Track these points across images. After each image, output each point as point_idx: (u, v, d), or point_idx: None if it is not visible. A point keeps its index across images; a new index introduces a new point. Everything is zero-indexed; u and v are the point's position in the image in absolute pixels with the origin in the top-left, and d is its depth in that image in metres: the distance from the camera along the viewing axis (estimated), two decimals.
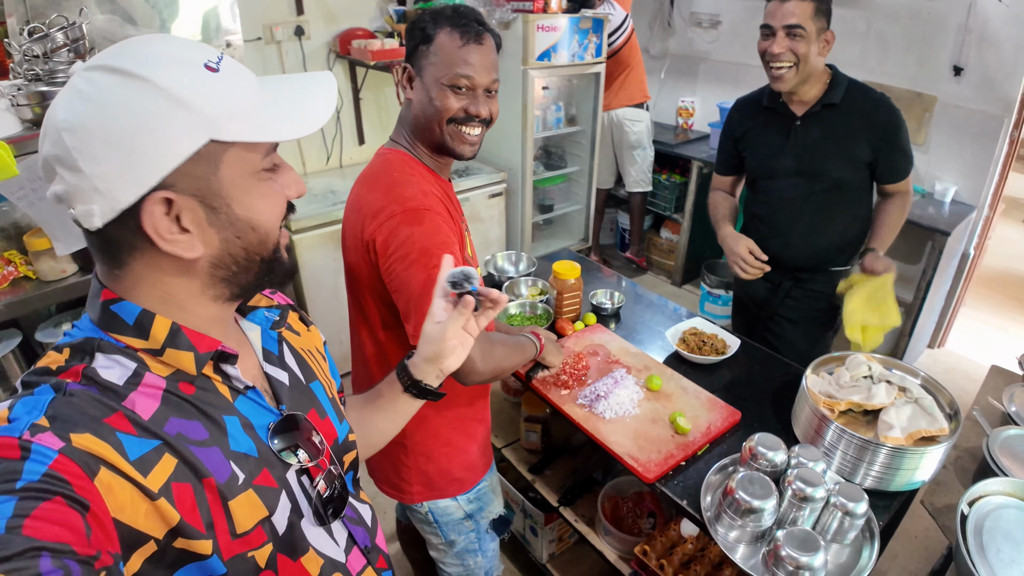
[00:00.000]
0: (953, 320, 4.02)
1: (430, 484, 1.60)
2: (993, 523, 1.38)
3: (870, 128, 2.02)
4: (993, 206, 3.61)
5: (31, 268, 1.64)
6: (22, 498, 0.56)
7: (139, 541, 0.64)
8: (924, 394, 1.58)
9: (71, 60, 1.55)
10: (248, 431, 0.79)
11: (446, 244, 1.32)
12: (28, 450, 0.59)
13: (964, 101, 3.41)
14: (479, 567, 1.77)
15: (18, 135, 1.47)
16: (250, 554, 0.74)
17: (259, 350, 0.90)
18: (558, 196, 4.45)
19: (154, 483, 0.66)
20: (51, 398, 0.64)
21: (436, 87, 1.36)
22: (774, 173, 2.19)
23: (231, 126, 0.69)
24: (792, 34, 1.92)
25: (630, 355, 1.95)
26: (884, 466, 1.45)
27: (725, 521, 1.38)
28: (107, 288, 0.73)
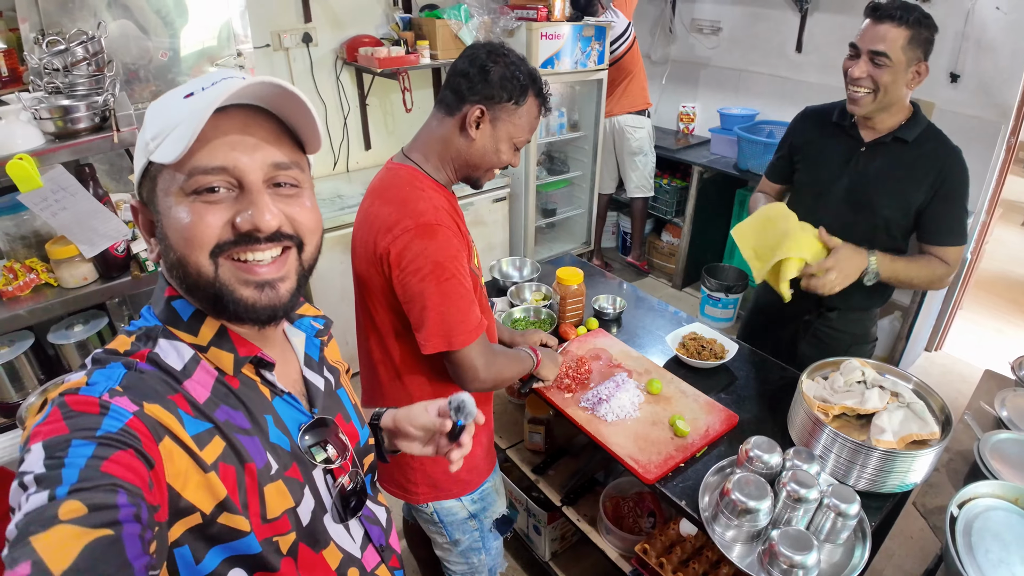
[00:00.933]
0: (950, 323, 4.06)
1: (435, 485, 1.65)
2: (982, 524, 1.42)
3: (933, 176, 1.85)
4: (991, 211, 3.65)
5: (52, 276, 1.69)
6: (101, 444, 0.62)
7: (186, 511, 0.70)
8: (916, 399, 1.63)
9: (91, 73, 1.60)
10: (282, 428, 0.85)
11: (456, 258, 1.39)
12: (107, 408, 0.66)
13: (961, 107, 3.45)
14: (483, 564, 1.82)
15: (41, 148, 1.51)
16: (275, 539, 0.80)
17: (301, 355, 0.96)
18: (561, 200, 4.51)
19: (208, 457, 0.73)
20: (124, 372, 0.72)
21: (507, 143, 1.48)
22: (824, 194, 2.02)
23: (158, 148, 0.73)
24: (876, 61, 1.76)
25: (631, 359, 2.00)
26: (876, 469, 1.50)
27: (722, 521, 1.43)
28: (171, 286, 0.80)
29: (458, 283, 1.40)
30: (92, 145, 1.55)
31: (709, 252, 4.64)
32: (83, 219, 1.56)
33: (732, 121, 4.27)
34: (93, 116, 1.58)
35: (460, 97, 1.44)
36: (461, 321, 1.40)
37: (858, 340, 2.15)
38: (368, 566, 0.97)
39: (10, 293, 1.64)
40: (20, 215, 1.73)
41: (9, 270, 1.68)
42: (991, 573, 1.31)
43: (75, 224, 1.56)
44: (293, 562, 0.83)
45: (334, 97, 3.77)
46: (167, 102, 0.77)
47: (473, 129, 1.44)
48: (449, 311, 1.39)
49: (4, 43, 2.05)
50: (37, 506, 0.57)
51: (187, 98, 0.75)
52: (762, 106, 4.38)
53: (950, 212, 1.89)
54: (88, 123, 1.58)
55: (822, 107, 2.10)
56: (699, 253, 4.61)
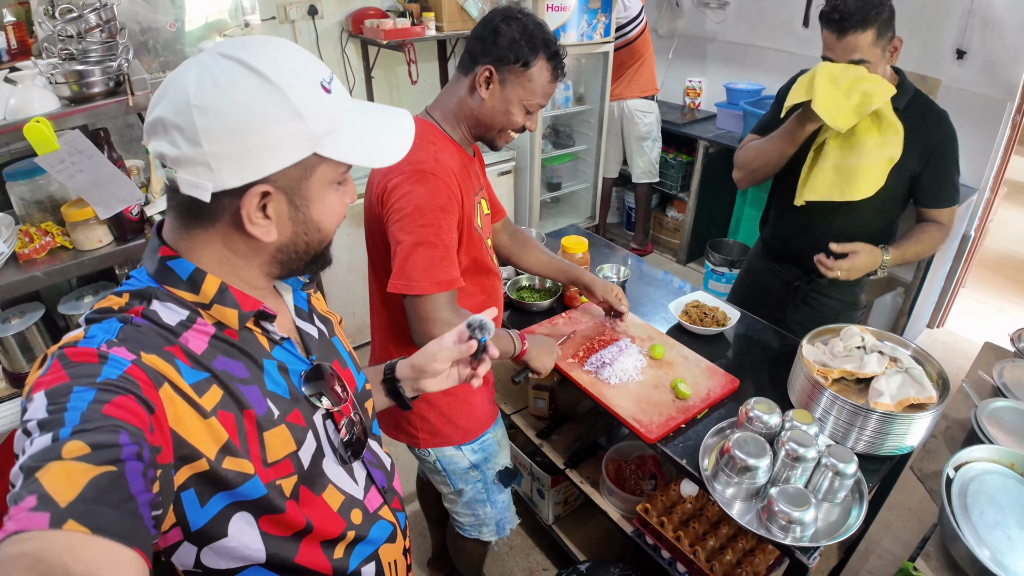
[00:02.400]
0: (953, 301, 4.08)
1: (434, 432, 1.69)
2: (977, 487, 1.46)
3: (923, 142, 1.87)
4: (995, 189, 3.66)
5: (68, 238, 1.72)
6: (101, 389, 0.65)
7: (192, 456, 0.73)
8: (914, 364, 1.65)
9: (104, 40, 1.61)
10: (283, 375, 0.89)
11: (442, 208, 1.43)
12: (106, 358, 0.69)
13: (967, 84, 3.44)
14: (489, 517, 1.86)
15: (57, 112, 1.53)
16: (278, 482, 0.83)
17: (292, 307, 1.00)
18: (566, 174, 4.51)
19: (207, 405, 0.76)
20: (120, 326, 0.74)
21: (516, 105, 1.50)
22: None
23: (330, 144, 0.79)
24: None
25: (634, 326, 2.03)
26: (874, 431, 1.53)
27: (722, 479, 1.47)
28: (166, 245, 0.82)
29: (433, 231, 1.42)
30: (107, 109, 1.57)
31: (714, 227, 4.65)
32: (100, 181, 1.58)
33: (738, 96, 4.26)
34: (107, 81, 1.60)
35: (473, 58, 1.48)
36: (425, 269, 1.41)
37: (848, 307, 2.20)
38: (371, 507, 1.01)
39: (26, 256, 1.66)
40: (35, 179, 1.75)
41: (25, 233, 1.70)
42: (986, 534, 1.34)
43: (91, 186, 1.57)
44: (296, 504, 0.86)
45: (339, 70, 3.77)
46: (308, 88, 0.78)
47: (483, 89, 1.48)
48: (416, 255, 1.41)
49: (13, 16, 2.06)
50: (41, 448, 0.59)
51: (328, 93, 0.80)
52: (768, 81, 4.36)
53: (943, 175, 1.93)
54: (102, 87, 1.60)
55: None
56: (704, 228, 4.61)
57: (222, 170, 0.74)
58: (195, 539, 0.78)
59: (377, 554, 1.01)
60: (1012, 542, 1.33)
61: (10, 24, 1.95)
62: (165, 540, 0.77)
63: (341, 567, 0.94)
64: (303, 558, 0.88)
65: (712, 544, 1.75)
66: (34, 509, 0.54)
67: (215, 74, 0.73)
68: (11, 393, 2.05)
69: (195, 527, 0.77)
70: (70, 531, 0.53)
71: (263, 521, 0.83)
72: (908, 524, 2.74)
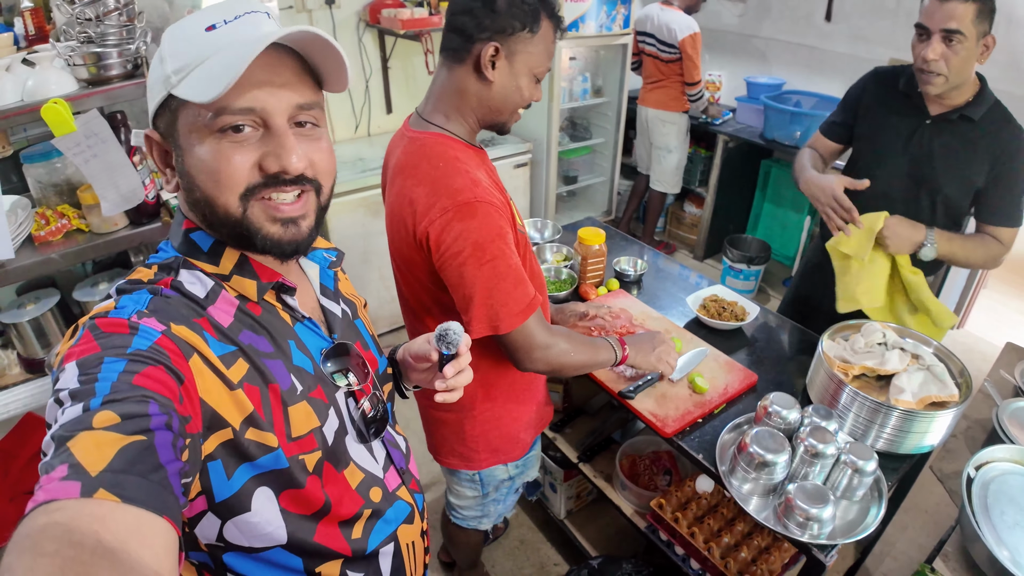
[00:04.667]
0: (974, 302, 4.03)
1: (496, 449, 1.66)
2: (998, 487, 1.43)
3: (995, 155, 1.82)
4: None
5: (84, 221, 1.73)
6: (131, 360, 0.66)
7: (218, 424, 0.74)
8: (936, 362, 1.63)
9: (122, 23, 1.61)
10: (304, 352, 0.89)
11: (499, 236, 1.28)
12: (136, 329, 0.70)
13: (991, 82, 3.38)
14: (496, 512, 1.86)
15: (75, 93, 1.54)
16: (301, 457, 0.84)
17: (317, 285, 1.00)
18: (582, 168, 4.49)
19: (234, 376, 0.76)
20: (150, 297, 0.75)
21: (528, 78, 1.34)
22: (882, 163, 1.98)
23: (182, 83, 0.74)
24: (950, 39, 1.69)
25: (652, 319, 2.01)
26: (895, 429, 1.50)
27: (739, 474, 1.45)
28: (188, 218, 0.83)
29: (501, 263, 1.28)
30: (125, 91, 1.58)
31: (732, 223, 4.60)
32: (110, 170, 1.59)
33: (758, 90, 4.21)
34: (125, 63, 1.60)
35: (467, 37, 1.28)
36: (504, 304, 1.30)
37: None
38: (390, 486, 1.01)
39: (42, 238, 1.67)
40: (52, 162, 1.76)
41: (41, 216, 1.71)
42: (1006, 535, 1.32)
43: (103, 174, 1.58)
44: (319, 479, 0.87)
45: (356, 60, 3.76)
46: (186, 32, 0.76)
47: (489, 70, 1.30)
48: (491, 295, 1.29)
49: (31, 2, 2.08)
50: (72, 418, 0.60)
51: (210, 31, 0.75)
52: (789, 76, 4.31)
53: (1009, 193, 1.85)
54: (120, 70, 1.60)
55: (892, 69, 2.01)
56: (722, 224, 4.56)
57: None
58: (219, 510, 0.79)
59: (395, 534, 1.01)
60: None
61: (27, 10, 1.95)
62: (191, 509, 0.78)
63: (360, 547, 0.95)
64: (322, 537, 0.89)
65: (727, 541, 1.73)
66: (65, 479, 0.54)
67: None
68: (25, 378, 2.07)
69: (219, 498, 0.77)
70: (101, 500, 0.54)
71: (283, 497, 0.83)
72: (925, 527, 2.72)
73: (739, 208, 4.58)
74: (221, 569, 0.85)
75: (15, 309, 2.18)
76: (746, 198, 4.51)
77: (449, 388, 0.98)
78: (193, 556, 0.85)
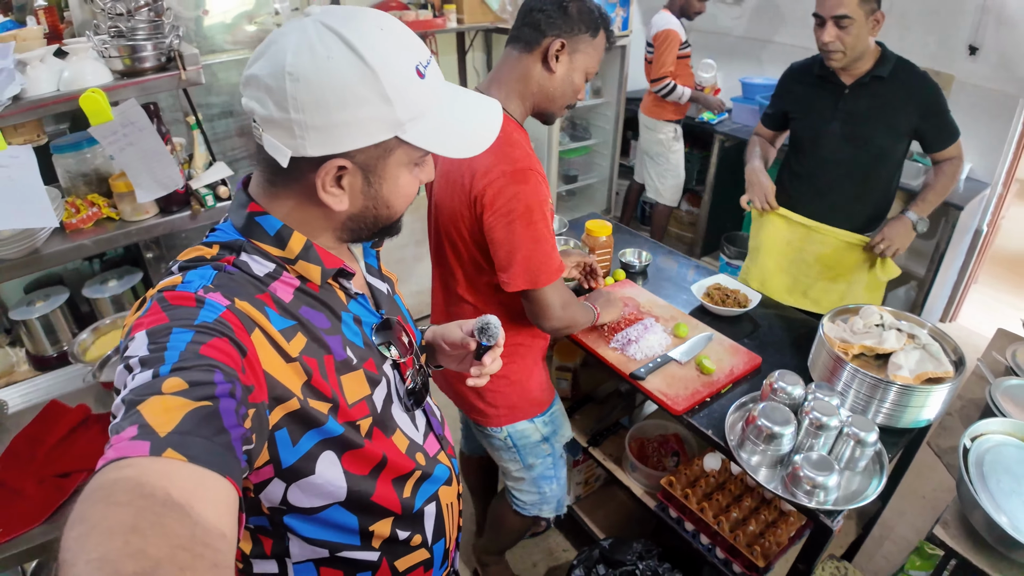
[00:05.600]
0: (965, 295, 4.11)
1: (513, 407, 1.75)
2: (993, 458, 1.51)
3: (914, 101, 2.14)
4: (1007, 184, 3.69)
5: (114, 210, 1.78)
6: (198, 331, 0.70)
7: (284, 396, 0.79)
8: (931, 341, 1.70)
9: (151, 19, 1.67)
10: (358, 326, 0.95)
11: (544, 203, 1.48)
12: (202, 302, 0.74)
13: (981, 80, 3.48)
14: (553, 495, 1.92)
15: (110, 84, 1.60)
16: (357, 423, 0.90)
17: (363, 264, 1.06)
18: (582, 167, 4.58)
19: (293, 350, 0.81)
20: (215, 273, 0.79)
21: (581, 75, 1.54)
22: (820, 137, 2.31)
23: (414, 130, 0.82)
24: (841, 24, 2.03)
25: (658, 307, 2.08)
26: (894, 404, 1.58)
27: (748, 447, 1.52)
28: (254, 202, 0.87)
29: (544, 226, 1.48)
30: (159, 83, 1.64)
31: (729, 221, 4.67)
32: (146, 158, 1.64)
33: (754, 91, 4.30)
34: (159, 56, 1.66)
35: (540, 32, 1.48)
36: (544, 262, 1.49)
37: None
38: (430, 452, 1.07)
39: (73, 225, 1.72)
40: (82, 152, 1.81)
41: (71, 205, 1.76)
42: (1003, 501, 1.39)
43: (138, 162, 1.63)
44: (370, 442, 0.93)
45: None
46: (403, 75, 0.79)
47: (554, 62, 1.49)
48: (535, 252, 1.47)
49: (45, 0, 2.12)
50: (143, 383, 0.63)
51: (421, 78, 0.81)
52: None
53: (942, 120, 2.19)
54: (154, 62, 1.66)
55: (804, 62, 2.41)
56: (718, 222, 4.63)
57: (304, 139, 0.77)
58: (285, 475, 0.84)
59: (437, 495, 1.07)
60: None
61: (41, 8, 1.98)
62: (258, 476, 0.82)
63: (408, 505, 1.01)
64: (378, 495, 0.95)
65: (735, 516, 1.80)
66: (135, 438, 0.57)
67: (313, 44, 0.75)
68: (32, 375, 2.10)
69: (286, 464, 0.82)
70: (169, 459, 0.57)
71: (346, 458, 0.89)
72: (923, 512, 2.80)
73: (735, 206, 4.61)
74: (279, 530, 0.91)
75: (24, 307, 2.21)
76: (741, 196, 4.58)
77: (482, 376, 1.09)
78: (251, 520, 0.90)
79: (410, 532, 1.03)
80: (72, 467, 1.51)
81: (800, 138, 2.42)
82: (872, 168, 2.28)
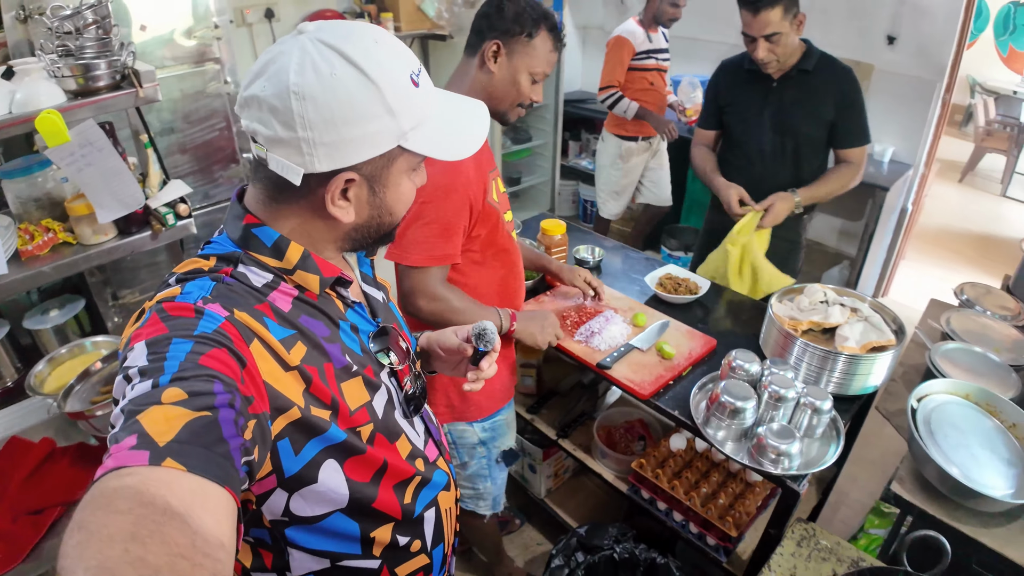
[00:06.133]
0: (895, 272, 4.33)
1: (452, 407, 1.78)
2: (939, 415, 1.62)
3: (835, 92, 2.27)
4: (928, 164, 3.91)
5: (71, 234, 1.73)
6: (198, 341, 0.70)
7: (285, 407, 0.79)
8: (872, 313, 1.82)
9: (99, 36, 1.64)
10: (356, 334, 0.96)
11: (444, 190, 1.50)
12: (202, 313, 0.74)
13: (900, 68, 3.68)
14: (488, 492, 1.96)
15: (64, 105, 1.57)
16: (359, 428, 0.91)
17: (358, 273, 1.08)
18: (524, 169, 4.64)
19: (293, 359, 0.82)
20: (214, 284, 0.80)
21: (523, 75, 1.57)
22: (751, 129, 2.44)
23: (414, 138, 0.85)
24: (772, 40, 2.15)
25: (615, 299, 2.16)
26: (843, 372, 1.69)
27: (713, 423, 1.60)
28: (251, 214, 0.87)
29: (432, 208, 1.50)
30: (116, 101, 1.61)
31: (667, 215, 4.80)
32: (106, 178, 1.61)
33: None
34: (113, 74, 1.64)
35: (480, 35, 1.55)
36: (420, 242, 1.52)
37: (794, 246, 2.60)
38: (430, 457, 1.09)
39: (29, 252, 1.66)
40: (33, 176, 1.75)
41: (25, 231, 1.70)
42: (952, 454, 1.51)
43: (99, 182, 1.60)
44: (372, 448, 0.94)
45: None
46: (401, 85, 0.81)
47: (492, 63, 1.55)
48: (411, 229, 1.51)
49: None
50: (142, 392, 0.63)
51: (416, 87, 0.84)
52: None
53: (853, 119, 2.32)
54: (108, 80, 1.63)
55: (733, 59, 2.52)
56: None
57: (314, 156, 0.78)
58: (288, 485, 0.84)
59: (437, 500, 1.09)
60: (976, 460, 1.49)
61: None
62: (260, 487, 0.83)
63: (409, 510, 1.02)
64: (380, 501, 0.96)
65: (705, 491, 1.88)
66: (134, 448, 0.57)
67: (316, 62, 0.76)
68: None
69: (289, 473, 0.83)
70: (168, 468, 0.57)
71: (348, 465, 0.89)
72: (873, 476, 2.96)
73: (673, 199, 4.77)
74: (279, 544, 0.91)
75: None
76: (678, 190, 4.69)
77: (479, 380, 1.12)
78: (252, 533, 0.90)
79: (410, 538, 1.03)
80: (45, 503, 1.47)
81: (733, 130, 2.53)
82: (799, 155, 2.40)
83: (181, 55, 2.69)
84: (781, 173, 2.43)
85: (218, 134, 2.90)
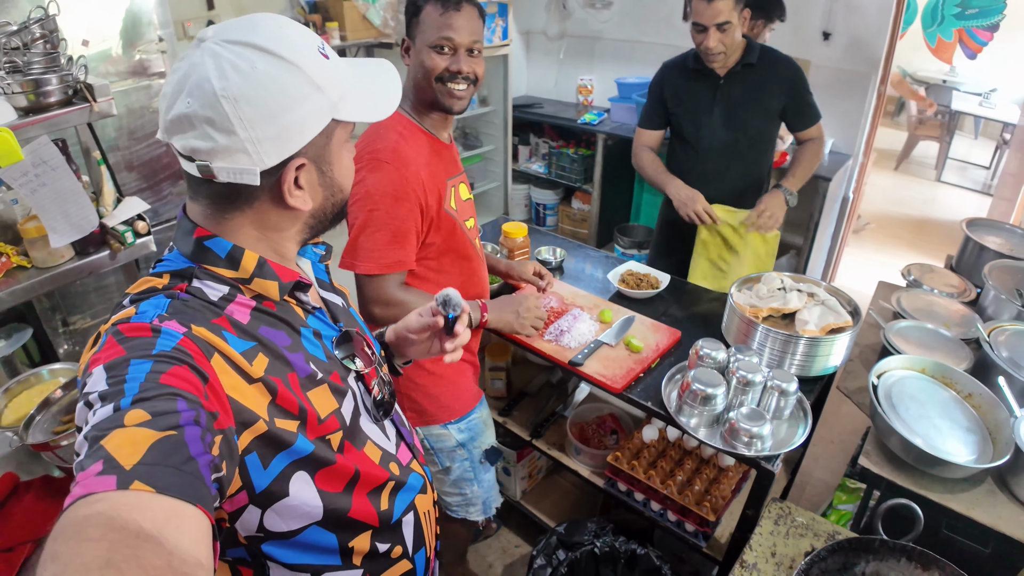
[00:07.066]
0: (840, 258, 4.47)
1: (420, 411, 1.78)
2: (899, 389, 1.69)
3: (780, 81, 2.39)
4: (867, 153, 4.06)
5: (25, 257, 1.67)
6: (157, 360, 0.69)
7: (250, 420, 0.78)
8: (828, 297, 1.89)
9: (47, 51, 1.59)
10: (318, 340, 0.96)
11: (391, 195, 1.53)
12: (159, 331, 0.73)
13: (835, 62, 3.82)
14: (476, 496, 1.95)
15: (15, 123, 1.51)
16: (327, 437, 0.90)
17: (314, 279, 1.07)
18: (477, 175, 4.66)
19: (256, 371, 0.81)
20: (169, 301, 0.79)
21: (424, 51, 1.57)
22: (702, 126, 2.50)
23: (344, 107, 0.86)
24: (723, 29, 2.23)
25: (581, 297, 2.19)
26: (804, 355, 1.75)
27: (686, 411, 1.64)
28: (200, 227, 0.86)
29: (382, 215, 1.54)
30: (69, 117, 1.56)
31: (618, 214, 4.87)
32: (60, 199, 1.56)
33: (629, 89, 4.50)
34: (65, 89, 1.59)
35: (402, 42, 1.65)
36: (370, 250, 1.55)
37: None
38: (403, 461, 1.09)
39: None
40: None
41: None
42: (915, 425, 1.57)
43: (52, 204, 1.54)
44: (342, 456, 0.93)
45: None
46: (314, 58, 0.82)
47: (406, 59, 1.64)
48: (363, 237, 1.55)
49: None
50: (104, 417, 0.63)
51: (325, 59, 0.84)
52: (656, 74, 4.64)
53: (803, 101, 2.45)
54: (60, 96, 1.59)
55: (677, 59, 2.59)
56: (609, 215, 4.81)
57: (260, 152, 0.78)
58: (259, 500, 0.82)
59: (415, 503, 1.09)
60: (938, 430, 1.56)
61: None
62: (232, 504, 0.81)
63: (387, 516, 1.02)
64: (355, 510, 0.95)
65: (680, 478, 1.91)
66: (101, 473, 0.57)
67: (234, 62, 0.75)
68: None
69: (259, 488, 0.81)
70: (137, 491, 0.56)
71: (319, 477, 0.88)
72: (835, 456, 3.06)
73: (622, 199, 4.83)
74: (258, 560, 0.89)
75: None
76: (627, 190, 4.76)
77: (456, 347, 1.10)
78: (229, 553, 0.89)
79: (390, 544, 1.03)
80: (14, 540, 1.41)
81: (683, 130, 2.57)
82: (750, 149, 2.50)
83: (124, 70, 2.62)
84: (732, 168, 2.52)
85: (165, 150, 2.83)
